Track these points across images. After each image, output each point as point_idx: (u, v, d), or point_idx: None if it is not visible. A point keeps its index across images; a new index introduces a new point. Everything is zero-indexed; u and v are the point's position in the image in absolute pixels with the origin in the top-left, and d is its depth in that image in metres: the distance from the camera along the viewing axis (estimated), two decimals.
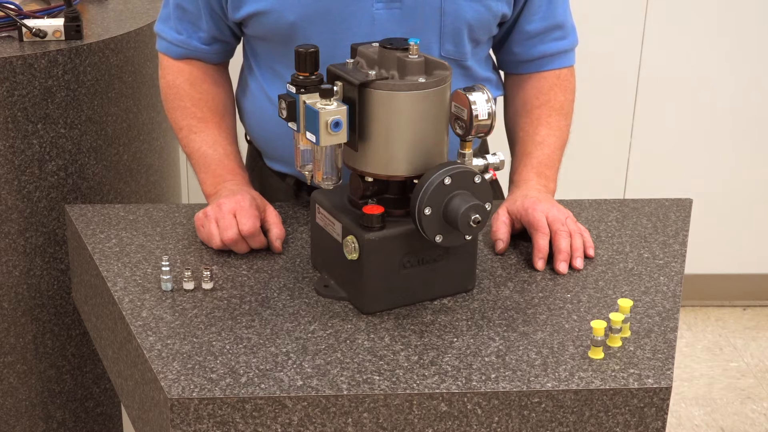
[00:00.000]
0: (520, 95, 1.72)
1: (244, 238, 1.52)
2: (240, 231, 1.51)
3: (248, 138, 1.82)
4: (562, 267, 1.49)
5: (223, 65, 1.74)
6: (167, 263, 1.44)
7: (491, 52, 1.74)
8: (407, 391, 1.22)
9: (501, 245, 1.54)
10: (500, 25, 1.66)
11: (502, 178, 1.77)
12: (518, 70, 1.73)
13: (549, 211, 1.53)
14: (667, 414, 1.25)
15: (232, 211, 1.52)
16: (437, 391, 1.23)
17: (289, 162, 1.68)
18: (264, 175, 1.79)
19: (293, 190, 1.75)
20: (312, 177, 1.41)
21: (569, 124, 1.72)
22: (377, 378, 1.25)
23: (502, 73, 1.78)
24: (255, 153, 1.82)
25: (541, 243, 1.51)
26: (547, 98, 1.69)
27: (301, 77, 1.35)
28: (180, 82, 1.69)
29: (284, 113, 1.36)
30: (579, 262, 1.51)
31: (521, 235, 1.59)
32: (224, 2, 1.60)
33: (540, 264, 1.50)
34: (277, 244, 1.54)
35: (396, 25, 1.54)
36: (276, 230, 1.54)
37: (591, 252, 1.54)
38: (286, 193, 1.76)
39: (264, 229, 1.55)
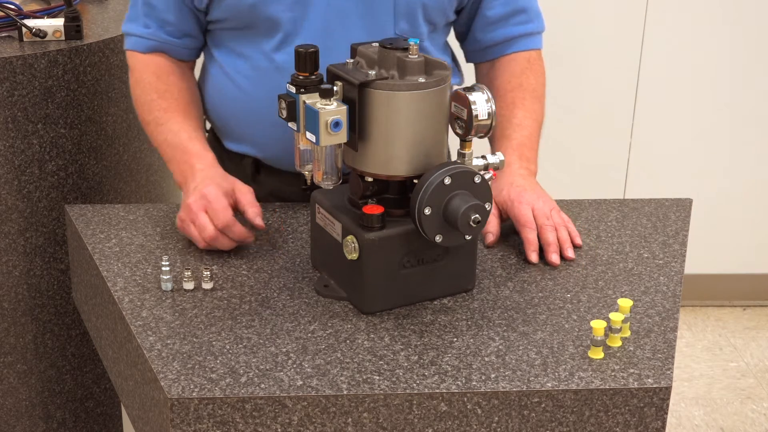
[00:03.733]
0: (494, 82, 1.74)
1: (222, 231, 1.51)
2: (216, 227, 1.50)
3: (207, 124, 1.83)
4: (553, 258, 1.51)
5: (189, 64, 1.75)
6: (167, 263, 1.44)
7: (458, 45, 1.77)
8: (407, 391, 1.22)
9: (491, 238, 1.56)
10: (459, 12, 1.69)
11: None
12: (485, 57, 1.75)
13: (534, 203, 1.55)
14: (666, 414, 1.25)
15: (203, 209, 1.51)
16: (437, 391, 1.23)
17: (247, 140, 1.70)
18: (222, 159, 1.75)
19: (251, 172, 1.75)
20: (312, 177, 1.41)
21: (543, 106, 1.73)
22: (377, 378, 1.25)
23: (471, 66, 1.80)
24: (212, 140, 1.81)
25: (530, 237, 1.53)
26: (520, 81, 1.71)
27: (301, 77, 1.35)
28: (146, 76, 1.70)
29: (284, 113, 1.36)
30: (570, 252, 1.53)
31: (520, 235, 1.59)
32: None
33: (534, 257, 1.52)
34: (257, 221, 1.51)
35: (351, 4, 1.58)
36: (251, 210, 1.52)
37: (578, 241, 1.56)
38: (244, 174, 1.74)
39: (241, 214, 1.53)
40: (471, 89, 1.35)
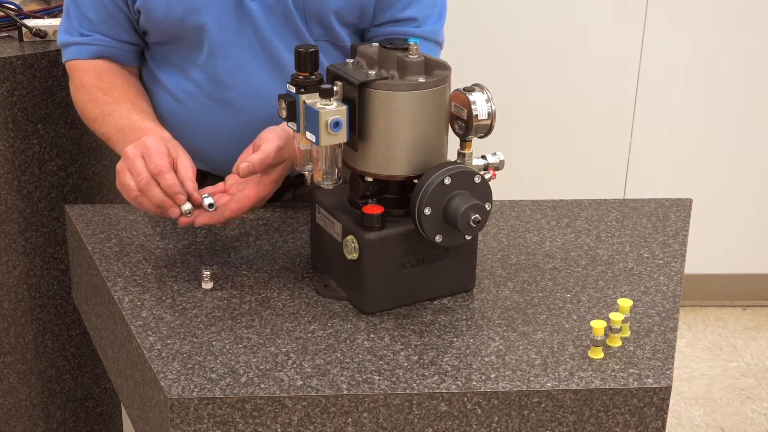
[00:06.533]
0: None
1: (155, 177, 1.42)
2: (150, 172, 1.42)
3: None
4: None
5: (132, 69, 1.73)
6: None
7: None
8: (407, 391, 1.22)
9: (244, 165, 1.48)
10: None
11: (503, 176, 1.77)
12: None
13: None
14: (666, 414, 1.25)
15: (140, 154, 1.44)
16: (437, 391, 1.23)
17: (190, 153, 1.68)
18: None
19: (198, 180, 1.73)
20: (312, 177, 1.41)
21: None
22: (377, 378, 1.25)
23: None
24: None
25: None
26: None
27: (301, 77, 1.35)
28: (87, 79, 1.67)
29: (284, 113, 1.36)
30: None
31: (521, 235, 1.59)
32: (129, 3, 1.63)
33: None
34: (188, 185, 1.43)
35: (267, 15, 1.60)
36: (188, 183, 1.44)
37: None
38: None
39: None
40: (471, 89, 1.35)
